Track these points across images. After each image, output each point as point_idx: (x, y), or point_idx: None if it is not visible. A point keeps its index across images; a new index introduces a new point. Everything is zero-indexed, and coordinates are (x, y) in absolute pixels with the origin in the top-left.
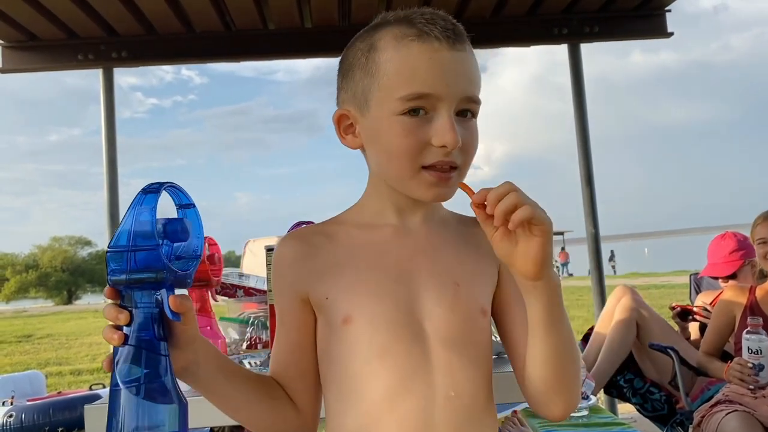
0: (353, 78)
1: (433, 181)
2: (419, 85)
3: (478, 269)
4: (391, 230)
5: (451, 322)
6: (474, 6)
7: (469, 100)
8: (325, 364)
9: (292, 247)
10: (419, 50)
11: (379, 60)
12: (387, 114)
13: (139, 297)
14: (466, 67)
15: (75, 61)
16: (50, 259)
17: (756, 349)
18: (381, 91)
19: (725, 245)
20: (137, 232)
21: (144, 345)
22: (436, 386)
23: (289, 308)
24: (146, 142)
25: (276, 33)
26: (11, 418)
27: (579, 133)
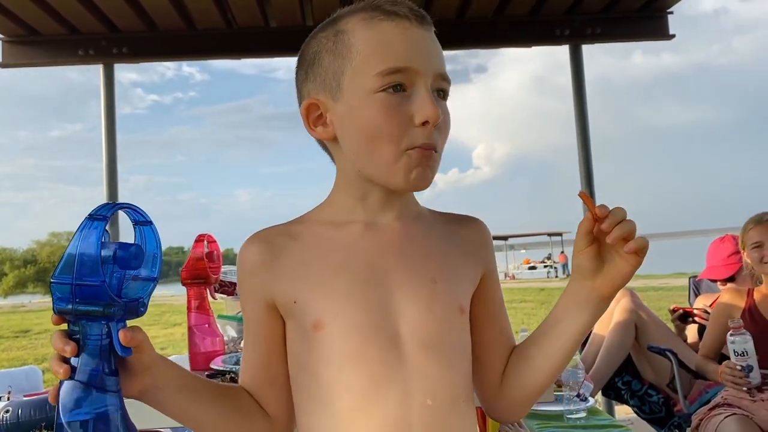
0: (321, 65)
1: (417, 160)
2: (396, 59)
3: (456, 266)
4: (360, 227)
5: (427, 321)
6: (476, 6)
7: (443, 78)
8: (296, 370)
9: (254, 250)
10: (391, 27)
11: (349, 41)
12: (364, 93)
13: (88, 328)
14: (435, 45)
15: (76, 57)
16: (49, 255)
17: (741, 350)
18: (355, 71)
19: (724, 248)
20: (82, 264)
21: (92, 381)
22: (413, 393)
23: (254, 315)
24: (146, 138)
25: (277, 30)
26: (8, 413)
27: (579, 134)
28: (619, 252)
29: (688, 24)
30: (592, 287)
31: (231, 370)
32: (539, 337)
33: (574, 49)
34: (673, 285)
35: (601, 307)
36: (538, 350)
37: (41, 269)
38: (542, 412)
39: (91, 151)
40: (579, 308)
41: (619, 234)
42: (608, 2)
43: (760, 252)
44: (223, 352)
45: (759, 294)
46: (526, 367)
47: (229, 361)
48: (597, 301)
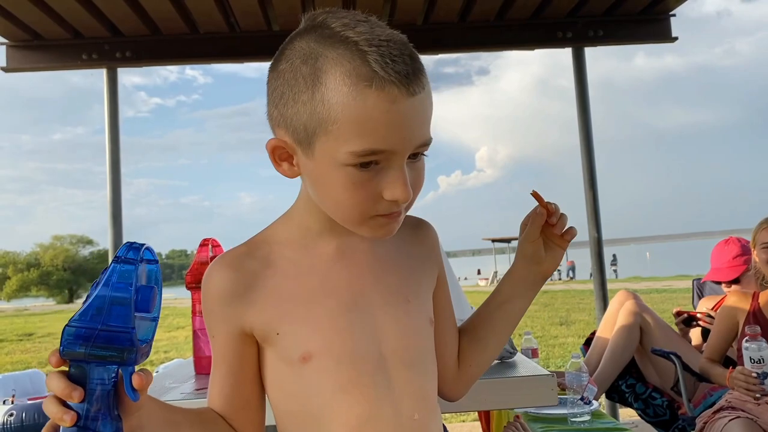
0: (294, 108)
1: (382, 223)
2: (374, 141)
3: (421, 280)
4: (331, 251)
5: (407, 340)
6: (478, 9)
7: (423, 145)
8: (281, 398)
9: (223, 277)
10: (375, 101)
11: (327, 101)
12: (334, 163)
13: (96, 372)
14: (423, 112)
15: (79, 61)
16: (52, 258)
17: (758, 358)
18: (329, 139)
19: (729, 250)
20: (114, 310)
21: (96, 426)
22: (402, 411)
23: (227, 342)
24: (149, 141)
25: (280, 34)
26: (12, 416)
27: (582, 137)
28: (554, 240)
29: (690, 26)
30: (538, 270)
31: None
32: (488, 318)
33: (576, 51)
34: (676, 287)
35: (540, 286)
36: (489, 330)
37: (44, 272)
38: (546, 415)
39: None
40: (526, 288)
41: (564, 223)
42: (610, 5)
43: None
44: None
45: (764, 297)
46: (480, 347)
47: None
48: (540, 281)
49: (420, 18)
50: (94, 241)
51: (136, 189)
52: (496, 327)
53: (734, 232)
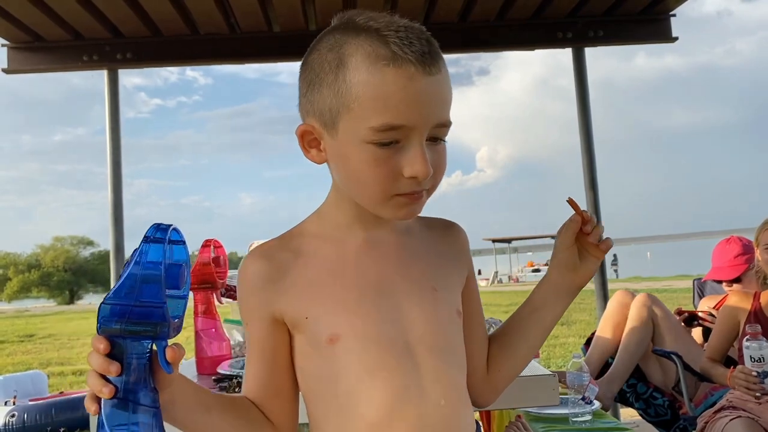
0: (320, 93)
1: (404, 202)
2: (393, 116)
3: (450, 273)
4: (360, 242)
5: (434, 328)
6: (478, 10)
7: (441, 125)
8: (311, 383)
9: (257, 266)
10: (394, 77)
11: (349, 81)
12: (356, 140)
13: (131, 347)
14: (440, 91)
15: (80, 62)
16: (52, 259)
17: (758, 357)
18: (351, 116)
19: (730, 249)
20: (145, 286)
21: (133, 398)
22: (429, 395)
23: (260, 330)
24: (150, 142)
25: (280, 35)
26: (13, 418)
27: (583, 138)
28: (589, 249)
29: (690, 26)
30: (573, 279)
31: (238, 375)
32: (519, 325)
33: (576, 51)
34: (677, 287)
35: (574, 296)
36: (520, 337)
37: (45, 274)
38: (547, 415)
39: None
40: (559, 297)
41: (599, 233)
42: (610, 5)
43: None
44: (230, 357)
45: (765, 297)
46: (510, 354)
47: (236, 365)
48: (574, 290)
49: (420, 18)
50: (95, 242)
51: (136, 190)
52: (527, 334)
53: (735, 231)
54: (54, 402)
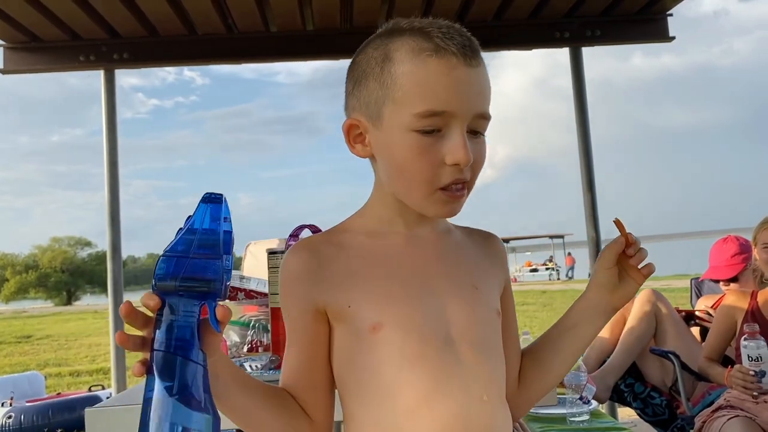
0: (366, 87)
1: (446, 200)
2: (435, 102)
3: (489, 275)
4: (402, 238)
5: (475, 324)
6: (476, 9)
7: (481, 117)
8: (351, 373)
9: (301, 258)
10: (436, 66)
11: (394, 72)
12: (400, 128)
13: (183, 305)
14: (480, 83)
15: (77, 63)
16: (50, 260)
17: (756, 356)
18: (395, 105)
19: (727, 248)
20: (201, 240)
21: (182, 352)
22: (471, 390)
23: (301, 321)
24: (148, 142)
25: (278, 35)
26: (10, 419)
27: (580, 138)
28: (630, 272)
29: (688, 26)
30: (610, 299)
31: None
32: (553, 342)
33: (574, 51)
34: (674, 287)
35: (610, 316)
36: (554, 353)
37: (42, 274)
38: (545, 415)
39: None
40: (595, 316)
41: (642, 257)
42: (607, 5)
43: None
44: None
45: (762, 296)
46: (543, 370)
47: None
48: (610, 311)
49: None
50: (93, 243)
51: (134, 190)
52: (560, 352)
53: (733, 230)
54: (51, 403)
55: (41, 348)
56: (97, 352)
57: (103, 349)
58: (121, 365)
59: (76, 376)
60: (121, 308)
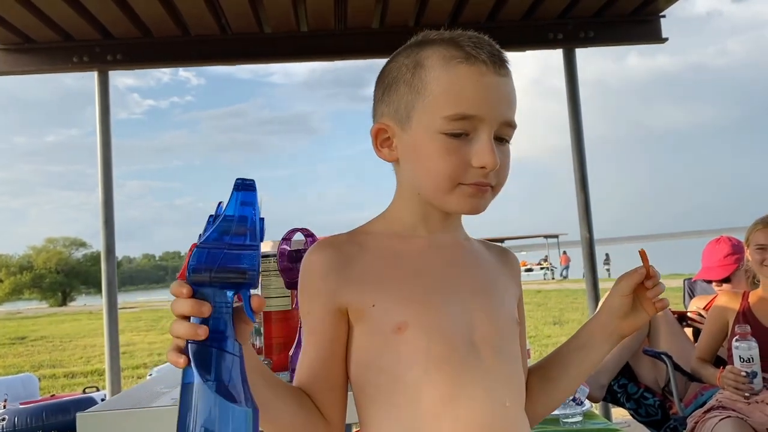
0: (396, 92)
1: (470, 192)
2: (465, 106)
3: (507, 286)
4: (424, 242)
5: (497, 331)
6: (469, 11)
7: (508, 125)
8: (372, 374)
9: (325, 256)
10: (467, 72)
11: (426, 78)
12: (429, 131)
13: (217, 296)
14: (508, 91)
15: (70, 64)
16: (45, 261)
17: (747, 357)
18: (425, 109)
19: (720, 249)
20: (235, 229)
21: (224, 346)
22: (494, 395)
23: (321, 319)
24: (143, 143)
25: (272, 36)
26: (4, 421)
27: (574, 138)
28: (643, 303)
29: (681, 26)
30: (619, 325)
31: None
32: (562, 360)
33: (567, 52)
34: (668, 286)
35: (617, 342)
36: (562, 372)
37: (37, 275)
38: None
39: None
40: (604, 339)
41: (658, 292)
42: (601, 6)
43: (762, 254)
44: None
45: (754, 297)
46: (549, 387)
47: None
48: (618, 336)
49: (411, 20)
50: (88, 244)
51: (129, 191)
52: (569, 370)
53: (726, 230)
54: (45, 405)
55: (36, 349)
56: (92, 354)
57: (98, 350)
58: (115, 366)
59: (70, 377)
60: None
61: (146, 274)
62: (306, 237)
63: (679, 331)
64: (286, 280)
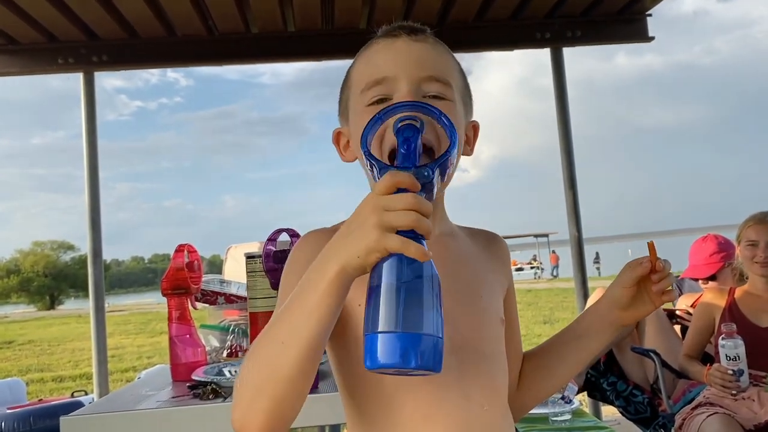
0: (340, 98)
1: None
2: (375, 71)
3: (493, 282)
4: None
5: (478, 333)
6: (457, 10)
7: (432, 80)
8: (351, 378)
9: (317, 241)
10: (378, 46)
11: (350, 71)
12: (358, 111)
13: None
14: (425, 51)
15: (55, 65)
16: (32, 264)
17: (734, 355)
18: (352, 94)
19: (706, 247)
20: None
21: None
22: (472, 398)
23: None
24: (131, 144)
25: (259, 37)
26: None
27: (562, 138)
28: (649, 294)
29: (668, 26)
30: (620, 315)
31: (212, 381)
32: (559, 348)
33: (555, 52)
34: None
35: (618, 332)
36: (558, 360)
37: (24, 279)
38: (527, 414)
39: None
40: (603, 329)
41: (665, 286)
42: (588, 5)
43: (752, 251)
44: (205, 363)
45: (740, 292)
46: (545, 375)
47: (211, 371)
48: (619, 326)
49: (399, 19)
50: (76, 246)
51: (118, 193)
52: (565, 359)
53: (714, 228)
54: (32, 410)
55: (23, 353)
56: (80, 357)
57: (87, 354)
58: (103, 370)
59: (59, 381)
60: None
61: (135, 276)
62: (291, 237)
63: (669, 328)
64: (271, 281)
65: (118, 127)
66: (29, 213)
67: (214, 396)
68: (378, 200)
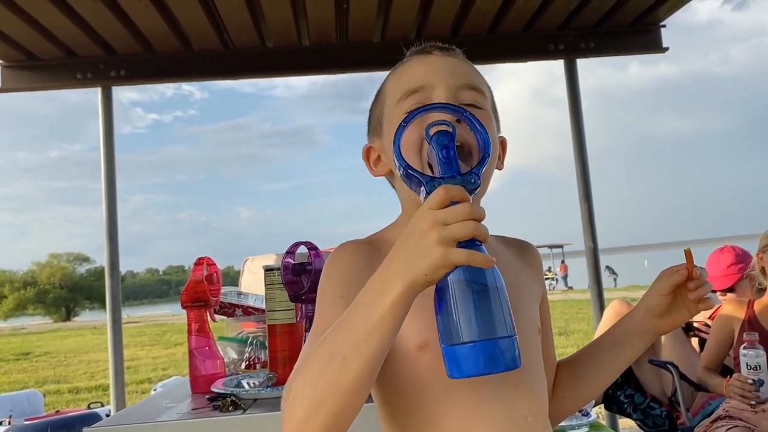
0: (371, 115)
1: None
2: (411, 82)
3: (529, 291)
4: None
5: (519, 343)
6: (470, 23)
7: (468, 87)
8: (390, 392)
9: (358, 249)
10: (411, 62)
11: (383, 87)
12: (394, 123)
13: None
14: (459, 65)
15: (74, 80)
16: (49, 276)
17: (755, 365)
18: (386, 108)
19: (724, 258)
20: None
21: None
22: (516, 410)
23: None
24: (146, 157)
25: (274, 51)
26: None
27: (576, 148)
28: (685, 301)
29: (682, 35)
30: (656, 324)
31: (232, 393)
32: (594, 357)
33: (568, 63)
34: None
35: (653, 340)
36: (592, 369)
37: (41, 291)
38: None
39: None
40: (639, 336)
41: (702, 294)
42: (601, 17)
43: None
44: (224, 375)
45: (759, 305)
46: (578, 383)
47: (230, 383)
48: (654, 334)
49: (412, 33)
50: (91, 259)
51: (133, 206)
52: (600, 368)
53: (731, 238)
54: (50, 421)
55: (40, 365)
56: (96, 369)
57: (102, 366)
58: (120, 381)
59: (75, 393)
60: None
61: (150, 288)
62: (309, 250)
63: (684, 340)
64: (290, 294)
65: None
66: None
67: (234, 408)
68: (435, 215)
